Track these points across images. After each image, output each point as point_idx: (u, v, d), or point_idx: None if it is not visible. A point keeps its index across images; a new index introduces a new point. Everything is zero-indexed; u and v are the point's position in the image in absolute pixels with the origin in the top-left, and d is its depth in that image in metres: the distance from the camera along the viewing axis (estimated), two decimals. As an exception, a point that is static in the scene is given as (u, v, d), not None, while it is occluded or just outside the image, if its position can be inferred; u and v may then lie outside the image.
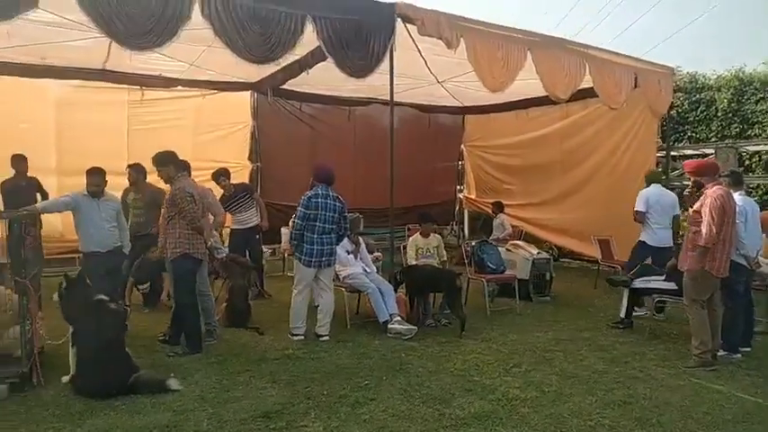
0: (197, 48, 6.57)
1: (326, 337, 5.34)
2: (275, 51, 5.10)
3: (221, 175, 7.25)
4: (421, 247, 6.54)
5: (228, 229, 7.39)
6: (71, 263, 6.59)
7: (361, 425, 3.53)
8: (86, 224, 5.04)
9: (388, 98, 10.11)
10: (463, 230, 12.72)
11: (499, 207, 9.98)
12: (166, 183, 4.91)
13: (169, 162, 4.78)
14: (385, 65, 5.97)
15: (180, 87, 8.88)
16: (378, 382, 4.27)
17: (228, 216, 7.21)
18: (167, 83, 8.68)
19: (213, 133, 9.44)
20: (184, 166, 5.08)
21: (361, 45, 5.58)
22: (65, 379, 3.99)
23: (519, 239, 9.11)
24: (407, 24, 5.96)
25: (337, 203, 5.41)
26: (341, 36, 5.44)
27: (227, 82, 8.98)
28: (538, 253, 7.51)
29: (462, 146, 12.43)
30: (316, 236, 5.28)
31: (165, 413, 3.63)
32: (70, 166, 7.50)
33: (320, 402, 3.87)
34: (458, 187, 12.79)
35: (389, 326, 5.52)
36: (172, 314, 5.09)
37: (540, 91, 7.42)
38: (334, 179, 5.51)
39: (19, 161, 6.99)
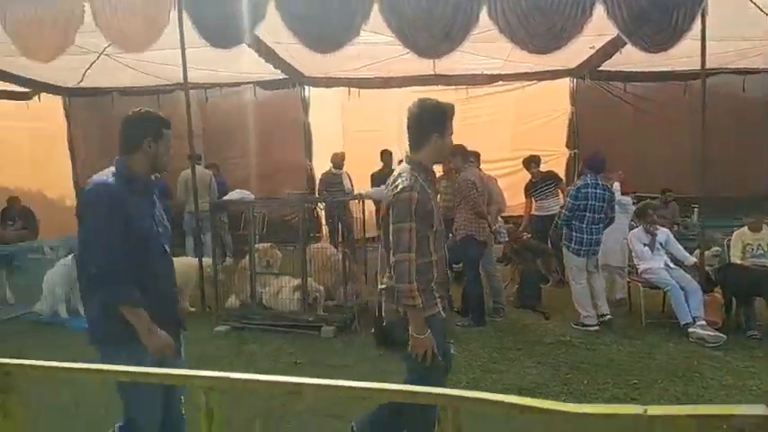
0: (507, 44, 7.00)
1: (608, 316, 5.30)
2: (560, 40, 5.09)
3: (532, 162, 7.52)
4: (749, 243, 5.50)
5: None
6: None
7: (609, 420, 3.39)
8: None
9: (740, 66, 8.64)
10: None
11: None
12: (455, 172, 5.53)
13: (457, 153, 5.36)
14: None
15: (501, 82, 9.51)
16: (650, 384, 3.94)
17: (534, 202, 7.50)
18: (489, 80, 9.42)
19: (532, 123, 9.75)
20: (473, 157, 5.60)
21: (661, 17, 5.02)
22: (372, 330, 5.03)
23: None
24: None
25: (606, 193, 5.31)
26: (636, 11, 5.02)
27: (545, 71, 9.13)
28: None
29: None
30: (585, 225, 5.25)
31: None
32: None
33: (575, 390, 3.85)
34: None
35: (690, 329, 4.89)
36: (463, 289, 5.71)
37: None
38: (605, 168, 5.41)
39: (387, 155, 8.58)
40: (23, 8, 5.51)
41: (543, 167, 7.64)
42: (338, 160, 8.59)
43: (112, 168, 2.31)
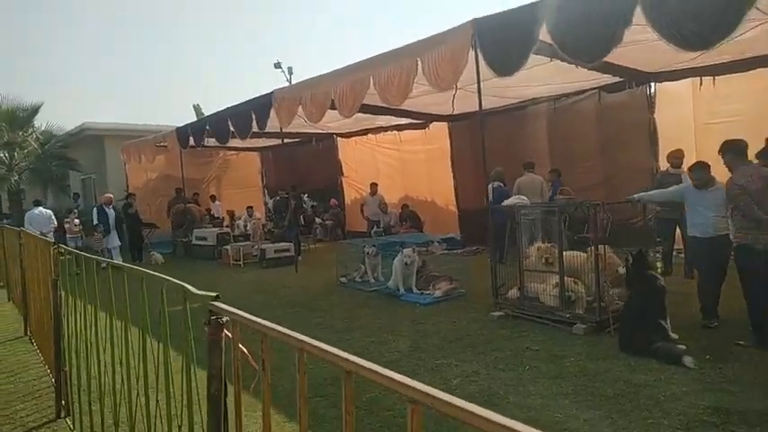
0: None
1: None
2: None
3: None
4: None
5: None
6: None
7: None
8: (692, 212, 5.60)
9: None
10: None
11: None
12: (730, 172, 4.80)
13: (727, 150, 4.70)
14: None
15: None
16: None
17: None
18: None
19: None
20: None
21: None
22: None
23: None
24: None
25: None
26: None
27: None
28: None
29: None
30: None
31: (644, 376, 4.13)
32: None
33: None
34: None
35: None
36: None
37: None
38: None
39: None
40: (380, 72, 7.77)
41: None
42: (675, 159, 8.05)
43: None
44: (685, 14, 4.90)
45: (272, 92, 10.11)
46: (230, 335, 1.53)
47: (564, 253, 5.97)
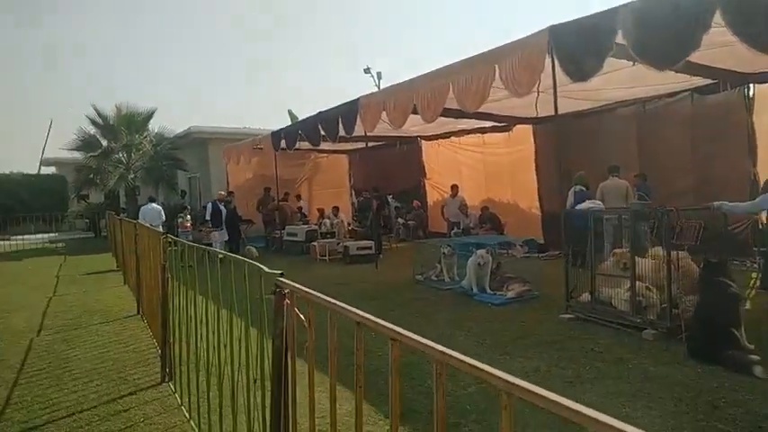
0: None
1: None
2: None
3: None
4: None
5: None
6: None
7: None
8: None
9: None
10: None
11: None
12: None
13: None
14: None
15: None
16: None
17: None
18: None
19: None
20: None
21: None
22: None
23: None
24: None
25: None
26: None
27: None
28: None
29: None
30: None
31: (709, 382, 4.09)
32: None
33: None
34: None
35: None
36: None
37: None
38: None
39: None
40: (459, 78, 8.02)
41: None
42: None
43: None
44: (762, 17, 4.78)
45: (358, 98, 10.64)
46: (289, 302, 1.93)
47: (641, 259, 5.93)
